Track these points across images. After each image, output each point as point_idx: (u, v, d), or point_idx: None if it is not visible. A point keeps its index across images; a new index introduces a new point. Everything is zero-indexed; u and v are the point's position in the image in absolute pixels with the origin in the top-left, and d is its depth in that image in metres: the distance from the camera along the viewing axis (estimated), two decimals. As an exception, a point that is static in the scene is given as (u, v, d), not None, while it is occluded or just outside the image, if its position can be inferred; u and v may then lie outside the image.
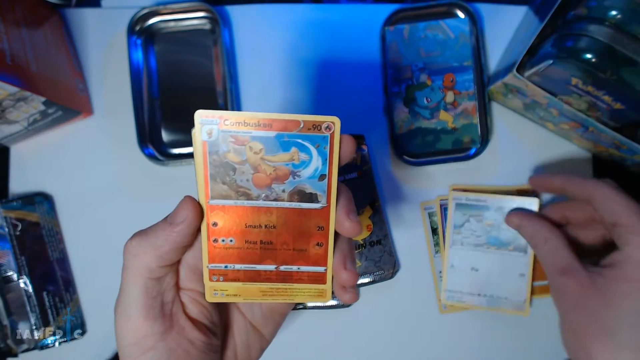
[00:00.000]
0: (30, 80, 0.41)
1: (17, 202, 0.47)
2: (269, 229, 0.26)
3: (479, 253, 0.47)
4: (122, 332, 0.26)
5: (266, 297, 0.28)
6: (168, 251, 0.26)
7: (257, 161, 0.25)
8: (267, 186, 0.25)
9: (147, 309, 0.26)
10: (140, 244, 0.26)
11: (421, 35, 0.50)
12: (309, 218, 0.26)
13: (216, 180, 0.25)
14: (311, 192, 0.26)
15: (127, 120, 0.49)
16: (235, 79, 0.51)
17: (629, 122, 0.42)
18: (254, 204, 0.26)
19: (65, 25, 0.51)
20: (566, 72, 0.40)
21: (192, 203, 0.26)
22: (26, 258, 0.47)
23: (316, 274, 0.28)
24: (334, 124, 0.25)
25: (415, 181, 0.50)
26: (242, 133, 0.24)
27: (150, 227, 0.26)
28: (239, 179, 0.25)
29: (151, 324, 0.26)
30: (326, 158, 0.25)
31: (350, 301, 0.28)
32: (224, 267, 0.27)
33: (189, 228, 0.26)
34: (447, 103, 0.50)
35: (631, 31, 0.37)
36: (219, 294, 0.27)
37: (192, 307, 0.28)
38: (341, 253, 0.27)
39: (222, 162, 0.25)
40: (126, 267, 0.26)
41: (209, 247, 0.27)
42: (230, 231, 0.26)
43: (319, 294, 0.28)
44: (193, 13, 0.51)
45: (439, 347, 0.49)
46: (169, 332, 0.26)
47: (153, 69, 0.51)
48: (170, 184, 0.50)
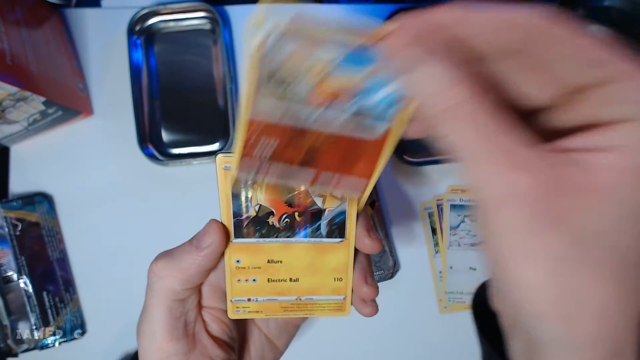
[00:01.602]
0: (30, 80, 0.41)
1: (17, 202, 0.47)
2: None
3: (476, 252, 0.47)
4: (146, 352, 0.26)
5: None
6: (193, 275, 0.26)
7: (321, 74, 0.19)
8: (326, 104, 0.20)
9: (171, 330, 0.26)
10: (165, 267, 0.26)
11: (421, 35, 0.50)
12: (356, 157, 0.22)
13: (263, 92, 0.19)
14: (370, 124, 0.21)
15: (127, 120, 0.49)
16: (235, 79, 0.51)
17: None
18: (299, 127, 0.20)
19: (65, 25, 0.51)
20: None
21: (219, 227, 0.25)
22: (26, 258, 0.47)
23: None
24: None
25: (415, 181, 0.50)
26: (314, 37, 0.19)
27: (176, 249, 0.26)
28: (294, 90, 0.19)
29: (175, 344, 0.26)
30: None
31: (370, 314, 0.28)
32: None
33: (215, 253, 0.25)
34: (447, 103, 0.50)
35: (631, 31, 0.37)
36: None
37: (214, 325, 0.28)
38: (361, 267, 0.28)
39: (277, 68, 0.19)
40: (151, 288, 0.26)
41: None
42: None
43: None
44: (193, 13, 0.51)
45: (439, 347, 0.49)
46: (192, 352, 0.26)
47: (153, 69, 0.51)
48: (170, 184, 0.50)
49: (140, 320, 0.27)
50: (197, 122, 0.51)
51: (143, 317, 0.27)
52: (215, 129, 0.50)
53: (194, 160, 0.49)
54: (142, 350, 0.26)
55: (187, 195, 0.50)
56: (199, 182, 0.50)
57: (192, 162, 0.49)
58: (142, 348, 0.26)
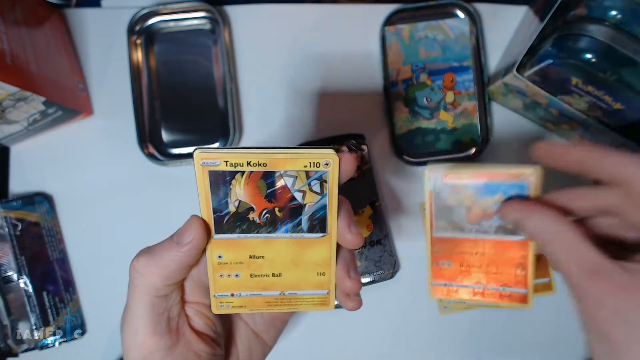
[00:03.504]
0: (30, 80, 0.41)
1: (17, 202, 0.47)
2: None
3: None
4: (129, 347, 0.26)
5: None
6: (174, 271, 0.26)
7: (469, 203, 0.31)
8: (477, 222, 0.31)
9: (154, 325, 0.26)
10: (146, 263, 0.26)
11: (421, 35, 0.50)
12: None
13: (438, 219, 0.32)
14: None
15: (127, 120, 0.49)
16: (235, 79, 0.51)
17: (629, 122, 0.42)
18: (464, 236, 0.32)
19: (65, 25, 0.51)
20: (566, 72, 0.40)
21: (199, 223, 0.25)
22: (26, 258, 0.47)
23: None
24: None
25: (416, 181, 0.50)
26: (458, 184, 0.31)
27: (157, 246, 0.26)
28: (455, 217, 0.31)
29: (158, 339, 0.26)
30: None
31: (354, 308, 0.28)
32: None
33: (196, 248, 0.25)
34: (447, 103, 0.50)
35: (631, 31, 0.37)
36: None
37: (198, 320, 0.28)
38: (344, 261, 0.28)
39: (443, 205, 0.31)
40: (133, 284, 0.26)
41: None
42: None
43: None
44: (193, 13, 0.51)
45: (439, 347, 0.49)
46: (176, 347, 0.26)
47: (153, 69, 0.51)
48: (170, 184, 0.50)
49: (123, 317, 0.27)
50: (197, 122, 0.51)
51: (126, 314, 0.26)
52: (215, 129, 0.50)
53: (194, 160, 0.48)
54: (126, 346, 0.26)
55: (187, 195, 0.50)
56: (199, 182, 0.50)
57: (192, 162, 0.49)
58: (125, 344, 0.26)
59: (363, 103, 0.51)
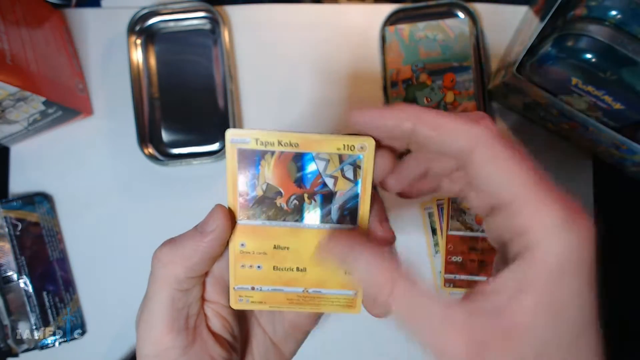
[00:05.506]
0: (30, 80, 0.41)
1: (17, 202, 0.47)
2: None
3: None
4: (144, 341, 0.25)
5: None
6: (197, 262, 0.25)
7: None
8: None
9: (171, 321, 0.25)
10: (169, 253, 0.25)
11: (421, 35, 0.50)
12: None
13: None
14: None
15: (127, 120, 0.49)
16: (235, 79, 0.51)
17: (629, 122, 0.42)
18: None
19: (65, 25, 0.51)
20: (566, 72, 0.40)
21: (223, 211, 0.24)
22: (26, 258, 0.47)
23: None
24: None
25: (415, 181, 0.50)
26: None
27: (180, 236, 0.25)
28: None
29: (174, 336, 0.25)
30: None
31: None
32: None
33: (220, 238, 0.24)
34: (447, 103, 0.50)
35: (631, 31, 0.37)
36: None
37: (216, 321, 0.27)
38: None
39: None
40: (154, 275, 0.25)
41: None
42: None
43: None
44: (193, 13, 0.51)
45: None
46: (192, 347, 0.25)
47: (153, 69, 0.51)
48: (170, 184, 0.50)
49: (141, 309, 0.26)
50: (197, 122, 0.51)
51: (144, 306, 0.25)
52: (215, 129, 0.50)
53: (194, 160, 0.49)
54: (140, 339, 0.25)
55: (187, 195, 0.50)
56: (199, 182, 0.50)
57: (192, 162, 0.49)
58: (140, 337, 0.25)
59: (363, 103, 0.51)
